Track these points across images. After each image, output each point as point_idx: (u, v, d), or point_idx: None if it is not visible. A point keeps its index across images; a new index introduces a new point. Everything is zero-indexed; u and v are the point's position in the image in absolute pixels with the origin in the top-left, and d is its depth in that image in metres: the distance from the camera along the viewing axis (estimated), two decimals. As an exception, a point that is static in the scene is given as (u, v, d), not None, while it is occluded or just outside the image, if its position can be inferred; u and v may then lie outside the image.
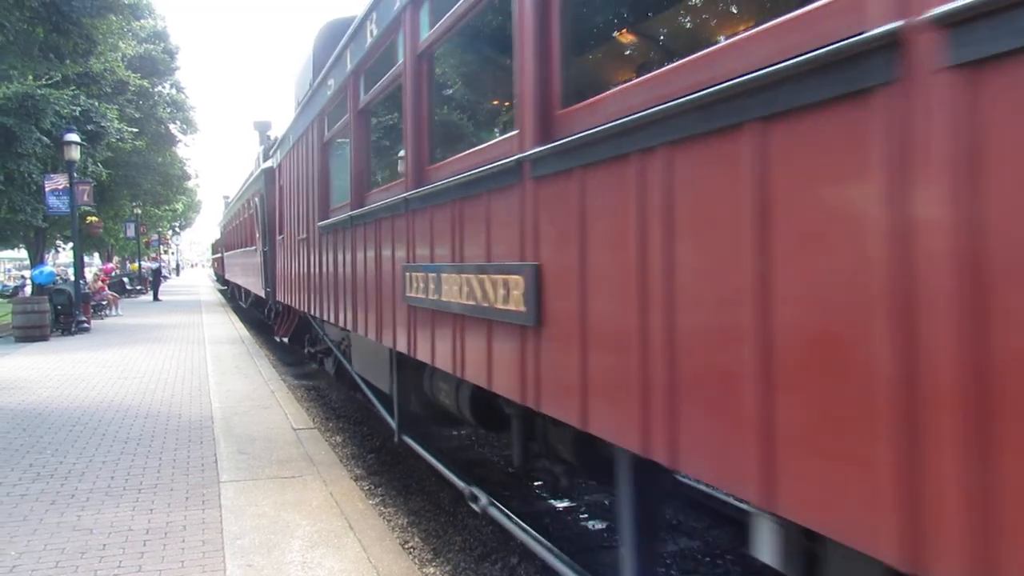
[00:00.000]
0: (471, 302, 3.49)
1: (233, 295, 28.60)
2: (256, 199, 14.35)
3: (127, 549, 4.40)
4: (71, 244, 21.10)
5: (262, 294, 14.17)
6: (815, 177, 1.64)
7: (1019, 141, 1.25)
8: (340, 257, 6.52)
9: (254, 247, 15.30)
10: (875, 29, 1.46)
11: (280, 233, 10.80)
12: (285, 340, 12.78)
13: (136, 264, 42.26)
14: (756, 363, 1.81)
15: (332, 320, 7.06)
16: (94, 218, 25.47)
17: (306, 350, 11.54)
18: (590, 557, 4.39)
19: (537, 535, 3.91)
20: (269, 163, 12.51)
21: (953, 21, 1.32)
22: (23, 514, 5.02)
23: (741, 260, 1.85)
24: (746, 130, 1.82)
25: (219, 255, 37.44)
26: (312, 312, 8.20)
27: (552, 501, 5.70)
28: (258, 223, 14.09)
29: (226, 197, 32.33)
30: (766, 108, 1.74)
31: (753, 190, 1.80)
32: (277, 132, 12.78)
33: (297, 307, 9.49)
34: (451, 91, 6.91)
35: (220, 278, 40.59)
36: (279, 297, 11.56)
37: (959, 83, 1.33)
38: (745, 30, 1.93)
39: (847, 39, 1.51)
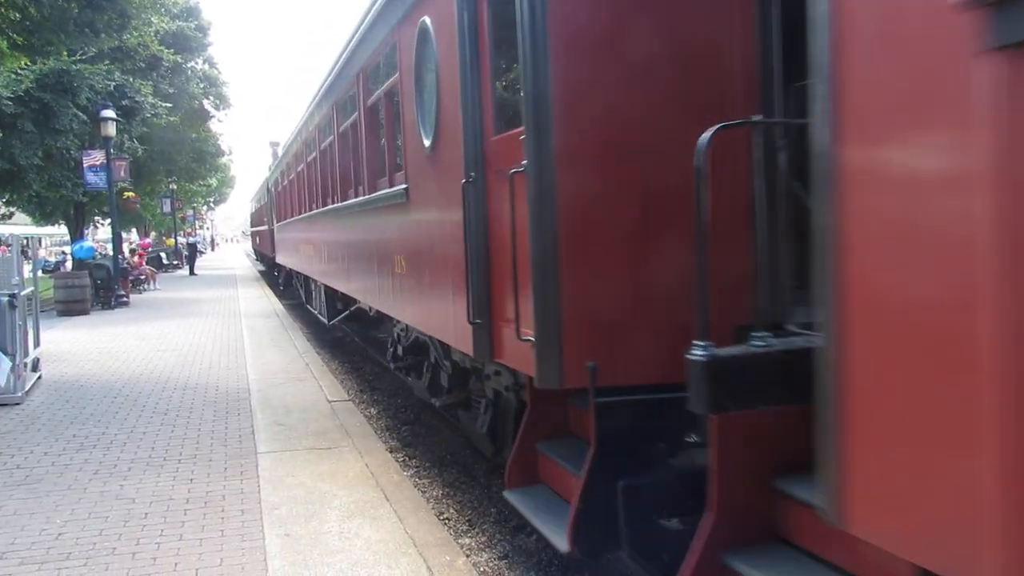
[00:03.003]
0: None
1: (287, 283, 20.01)
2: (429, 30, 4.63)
3: (168, 518, 4.47)
4: (109, 220, 21.38)
5: (450, 338, 4.65)
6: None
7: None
8: None
9: (402, 185, 5.49)
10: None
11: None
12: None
13: (172, 239, 42.88)
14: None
15: None
16: (131, 193, 25.82)
17: None
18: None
19: None
20: None
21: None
22: (68, 483, 5.13)
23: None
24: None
25: (265, 226, 25.03)
26: None
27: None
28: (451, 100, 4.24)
29: (274, 143, 25.02)
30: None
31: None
32: None
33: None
34: None
35: (262, 257, 31.31)
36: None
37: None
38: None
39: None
